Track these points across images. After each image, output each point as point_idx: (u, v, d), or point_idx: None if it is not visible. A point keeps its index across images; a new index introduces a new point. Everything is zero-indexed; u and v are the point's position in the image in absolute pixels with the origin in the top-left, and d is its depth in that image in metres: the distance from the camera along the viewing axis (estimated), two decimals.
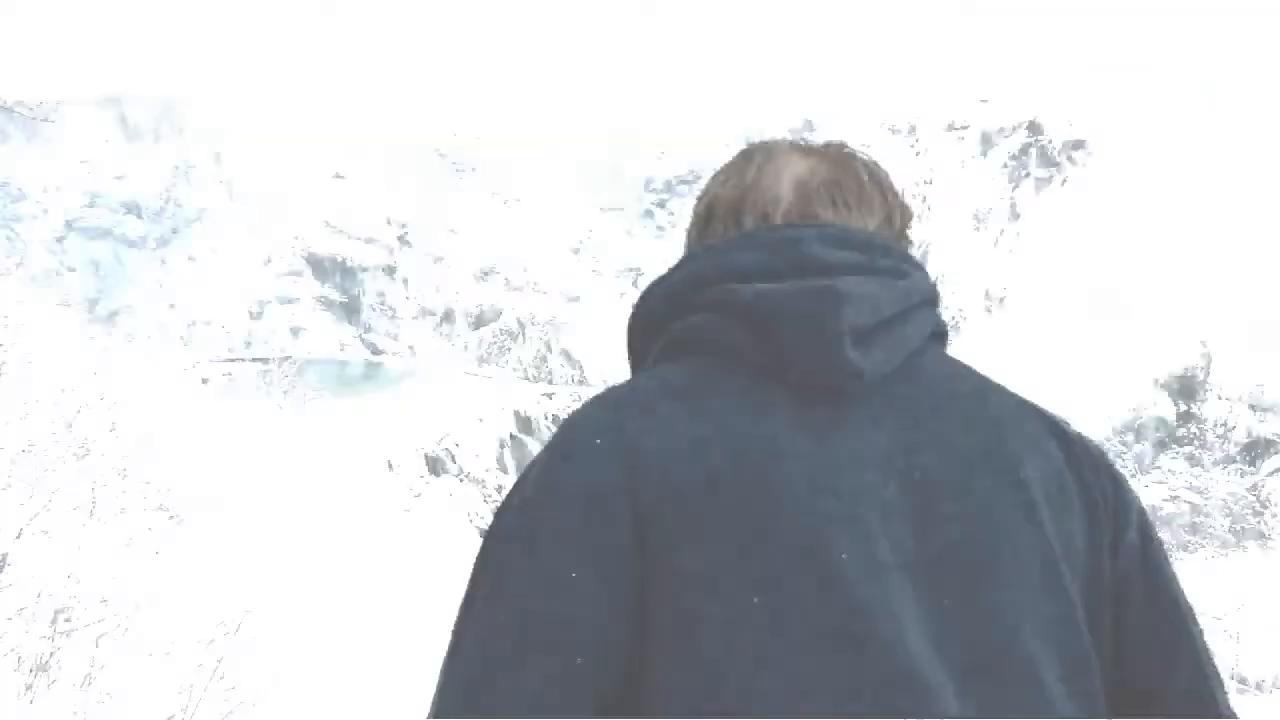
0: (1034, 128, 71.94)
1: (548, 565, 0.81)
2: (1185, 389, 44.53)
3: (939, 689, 0.75)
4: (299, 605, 6.34)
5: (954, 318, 68.00)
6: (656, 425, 0.85)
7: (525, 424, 58.16)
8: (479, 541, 0.86)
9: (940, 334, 1.00)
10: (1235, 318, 42.94)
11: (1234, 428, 43.38)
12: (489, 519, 0.86)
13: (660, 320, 0.98)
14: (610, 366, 61.77)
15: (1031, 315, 53.67)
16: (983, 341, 57.62)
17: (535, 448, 56.48)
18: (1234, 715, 0.90)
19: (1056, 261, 60.14)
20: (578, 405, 0.95)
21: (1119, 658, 0.89)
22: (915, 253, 1.05)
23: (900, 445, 0.87)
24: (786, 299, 0.89)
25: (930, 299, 0.98)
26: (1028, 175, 71.62)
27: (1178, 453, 44.99)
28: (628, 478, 0.83)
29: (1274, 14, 62.26)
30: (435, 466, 48.73)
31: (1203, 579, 35.54)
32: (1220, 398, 43.50)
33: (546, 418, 58.70)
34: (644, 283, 1.12)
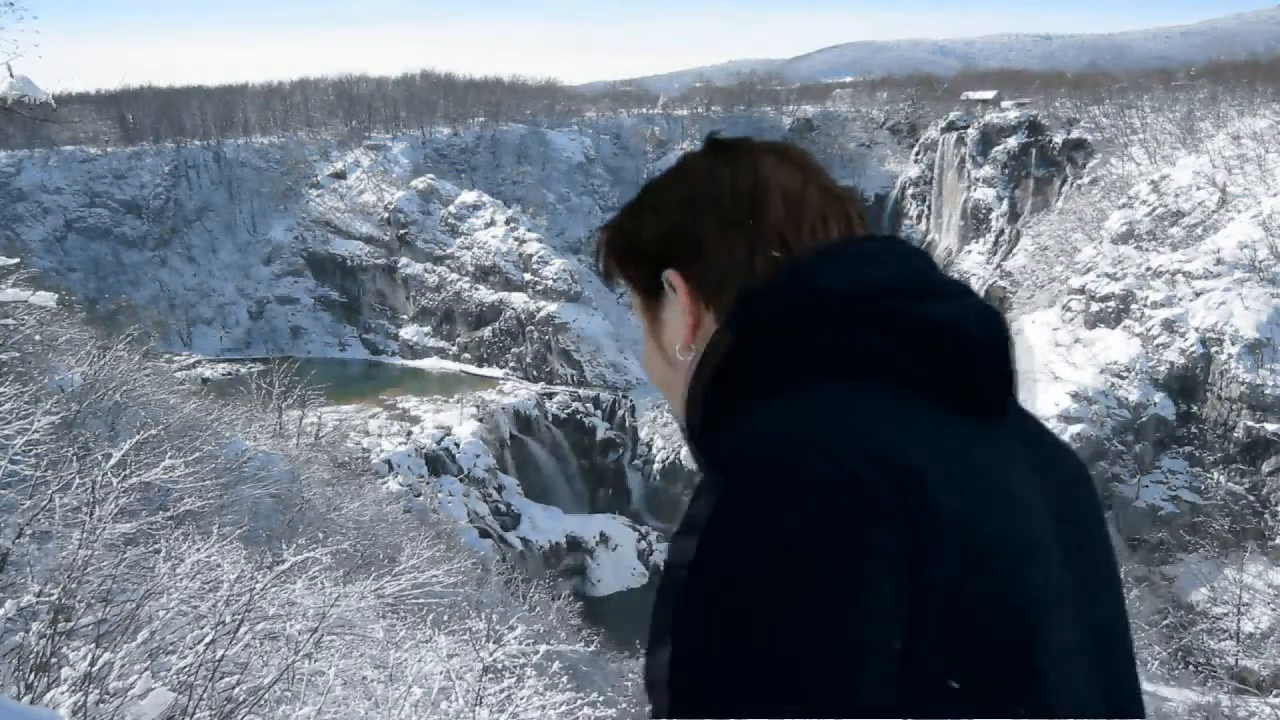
0: (1034, 128, 71.93)
1: (829, 620, 0.74)
2: (1185, 389, 44.52)
3: (1088, 693, 0.86)
4: (298, 603, 6.34)
5: None
6: (903, 447, 0.82)
7: (525, 424, 58.19)
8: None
9: None
10: (1235, 318, 42.92)
11: (1234, 428, 43.35)
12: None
13: (792, 332, 0.90)
14: (609, 367, 61.81)
15: (1031, 315, 53.67)
16: None
17: (535, 448, 55.63)
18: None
19: (1056, 261, 60.15)
20: (779, 424, 0.84)
21: None
22: None
23: (1034, 465, 0.92)
24: (966, 322, 0.89)
25: None
26: (1028, 175, 71.64)
27: (1178, 453, 44.98)
28: (901, 505, 0.78)
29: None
30: (435, 466, 48.75)
31: (1203, 579, 35.54)
32: (1220, 398, 43.46)
33: (546, 417, 58.74)
34: None
